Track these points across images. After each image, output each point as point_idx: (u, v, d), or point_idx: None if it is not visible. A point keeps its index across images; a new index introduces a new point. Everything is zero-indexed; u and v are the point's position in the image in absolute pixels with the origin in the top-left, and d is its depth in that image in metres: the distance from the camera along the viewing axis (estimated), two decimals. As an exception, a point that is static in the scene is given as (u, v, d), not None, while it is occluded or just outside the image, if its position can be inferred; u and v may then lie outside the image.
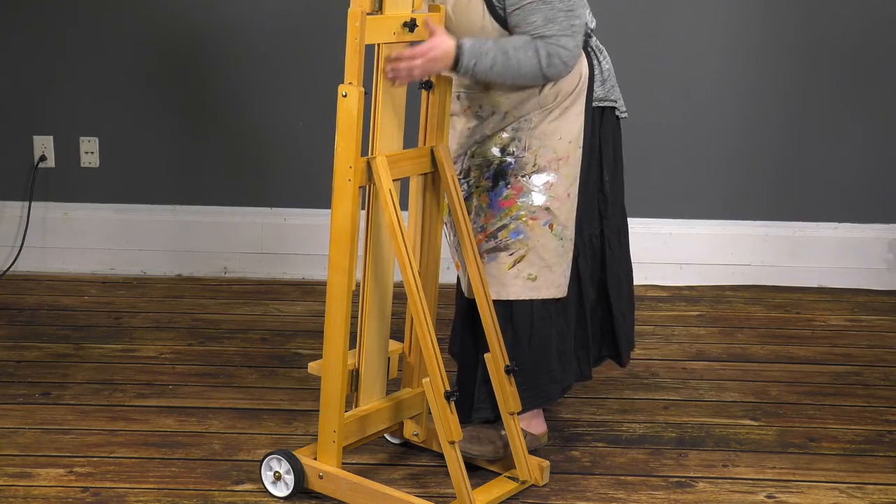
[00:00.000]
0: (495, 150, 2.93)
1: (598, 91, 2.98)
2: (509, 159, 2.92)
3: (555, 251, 2.95)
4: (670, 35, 4.46)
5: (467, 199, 2.98)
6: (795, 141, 4.54)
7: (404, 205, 2.86)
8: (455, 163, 2.99)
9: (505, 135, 2.92)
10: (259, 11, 4.45)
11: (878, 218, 4.59)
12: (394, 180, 2.75)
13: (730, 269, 4.60)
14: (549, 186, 2.92)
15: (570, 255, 2.99)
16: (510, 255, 2.94)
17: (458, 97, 2.94)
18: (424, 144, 2.88)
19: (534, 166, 2.92)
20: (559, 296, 2.98)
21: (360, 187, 2.71)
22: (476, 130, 2.95)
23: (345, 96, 2.64)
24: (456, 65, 2.75)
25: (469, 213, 2.96)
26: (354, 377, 2.90)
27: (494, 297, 2.94)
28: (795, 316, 4.29)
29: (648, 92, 4.45)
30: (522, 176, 2.92)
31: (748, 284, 4.59)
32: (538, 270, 2.95)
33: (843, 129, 4.53)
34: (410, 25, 2.69)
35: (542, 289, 2.96)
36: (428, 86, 2.82)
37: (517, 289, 2.95)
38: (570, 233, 2.98)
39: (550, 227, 2.94)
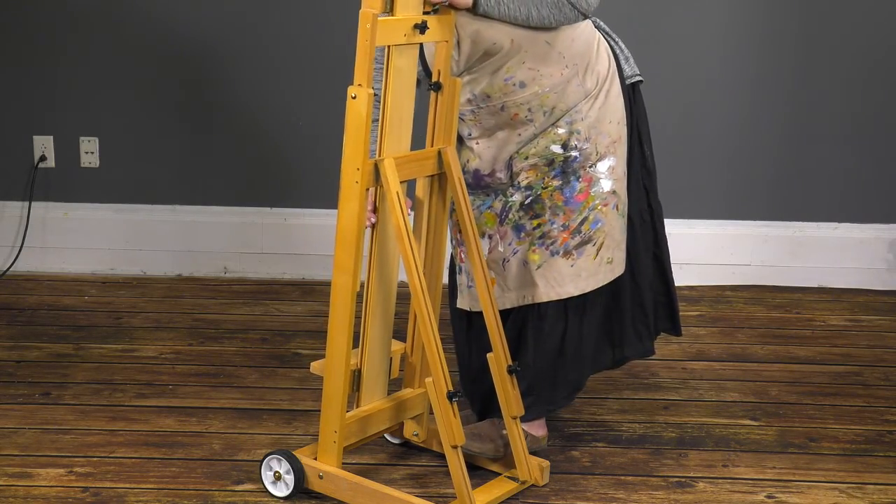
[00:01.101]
0: (555, 148, 2.94)
1: (626, 69, 3.03)
2: (574, 153, 2.94)
3: (621, 230, 3.03)
4: (670, 35, 4.46)
5: (535, 201, 2.96)
6: (795, 141, 4.54)
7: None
8: (498, 172, 2.98)
9: (560, 130, 2.93)
10: (259, 11, 4.45)
11: (878, 218, 4.59)
12: (401, 182, 2.74)
13: (730, 269, 4.60)
14: (612, 170, 2.98)
15: (626, 229, 3.06)
16: (594, 245, 2.98)
17: (503, 108, 2.91)
18: (432, 146, 2.88)
19: (597, 155, 2.95)
20: (623, 271, 3.05)
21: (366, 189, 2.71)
22: (524, 134, 2.95)
23: (354, 98, 2.63)
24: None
25: (542, 215, 2.96)
26: (356, 377, 2.90)
27: (588, 289, 2.98)
28: (795, 316, 4.29)
29: (648, 92, 4.44)
30: (590, 167, 2.95)
31: (748, 284, 4.59)
32: (612, 252, 3.01)
33: (843, 129, 4.53)
34: (421, 28, 2.68)
35: (616, 268, 3.03)
36: (437, 87, 2.82)
37: (601, 275, 3.00)
38: (627, 208, 3.05)
39: (617, 208, 3.00)
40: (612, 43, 3.03)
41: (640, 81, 3.09)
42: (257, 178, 4.60)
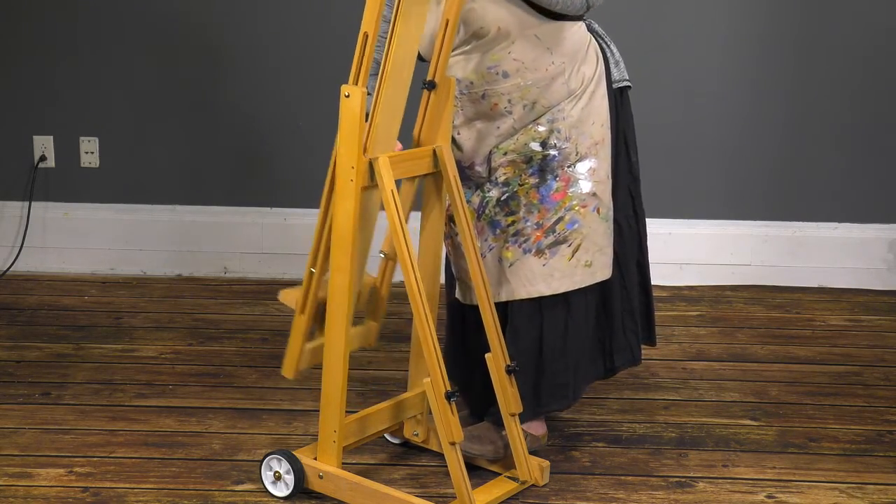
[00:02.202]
0: (534, 145, 2.93)
1: (615, 73, 3.01)
2: (552, 152, 2.93)
3: (604, 234, 3.00)
4: (670, 35, 4.46)
5: (511, 198, 2.96)
6: (795, 141, 4.54)
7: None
8: (477, 166, 2.98)
9: (541, 128, 2.92)
10: (259, 12, 4.45)
11: (878, 218, 4.59)
12: (396, 181, 2.73)
13: (730, 269, 4.60)
14: (593, 172, 2.95)
15: (612, 234, 3.03)
16: (569, 246, 2.96)
17: (484, 96, 2.92)
18: (419, 144, 2.87)
19: (577, 155, 2.93)
20: (609, 276, 3.03)
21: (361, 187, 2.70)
22: (502, 127, 2.94)
23: (347, 96, 2.64)
24: None
25: (517, 213, 2.96)
26: (321, 311, 2.85)
27: (562, 290, 2.96)
28: (795, 316, 4.29)
29: (648, 92, 4.45)
30: (568, 167, 2.93)
31: (748, 284, 4.59)
32: (592, 256, 2.98)
33: (843, 129, 4.53)
34: None
35: (596, 273, 3.00)
36: (431, 85, 2.81)
37: (578, 277, 2.98)
38: (612, 213, 3.03)
39: (598, 211, 2.97)
40: (604, 45, 3.02)
41: (629, 87, 3.06)
42: (257, 178, 4.60)
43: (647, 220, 4.50)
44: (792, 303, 4.42)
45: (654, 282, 4.52)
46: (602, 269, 3.01)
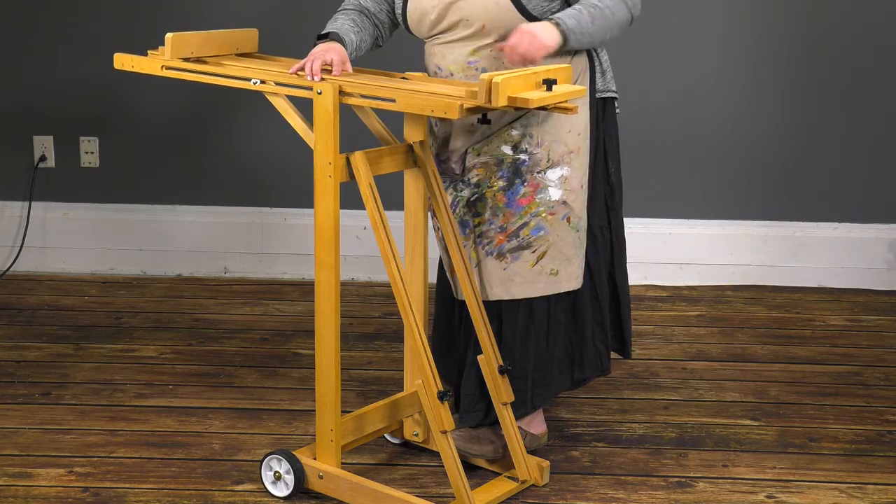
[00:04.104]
0: (506, 149, 2.92)
1: (599, 83, 2.98)
2: (523, 157, 2.92)
3: (573, 243, 2.97)
4: (670, 35, 4.46)
5: (479, 199, 2.96)
6: (795, 141, 4.54)
7: (396, 203, 2.89)
8: (452, 162, 2.98)
9: (514, 132, 2.91)
10: (259, 11, 4.45)
11: (878, 218, 4.59)
12: (375, 176, 2.74)
13: (730, 269, 4.60)
14: (564, 180, 2.93)
15: (585, 245, 3.01)
16: (532, 252, 2.94)
17: None
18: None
19: (548, 161, 2.91)
20: (577, 287, 3.00)
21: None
22: (479, 127, 2.94)
23: (319, 94, 2.68)
24: (563, 39, 2.73)
25: (483, 214, 2.95)
26: None
27: (520, 296, 2.94)
28: (795, 316, 4.29)
29: (648, 92, 4.45)
30: (538, 172, 2.92)
31: (748, 284, 4.59)
32: (559, 264, 2.96)
33: (843, 129, 4.53)
34: (484, 118, 2.70)
35: (562, 282, 2.97)
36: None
37: (542, 285, 2.96)
38: (585, 223, 3.00)
39: (568, 220, 2.95)
40: (594, 54, 2.98)
41: (615, 98, 3.04)
42: (257, 178, 4.60)
43: (648, 221, 4.55)
44: (792, 303, 4.42)
45: (654, 282, 4.56)
46: (569, 279, 2.98)
